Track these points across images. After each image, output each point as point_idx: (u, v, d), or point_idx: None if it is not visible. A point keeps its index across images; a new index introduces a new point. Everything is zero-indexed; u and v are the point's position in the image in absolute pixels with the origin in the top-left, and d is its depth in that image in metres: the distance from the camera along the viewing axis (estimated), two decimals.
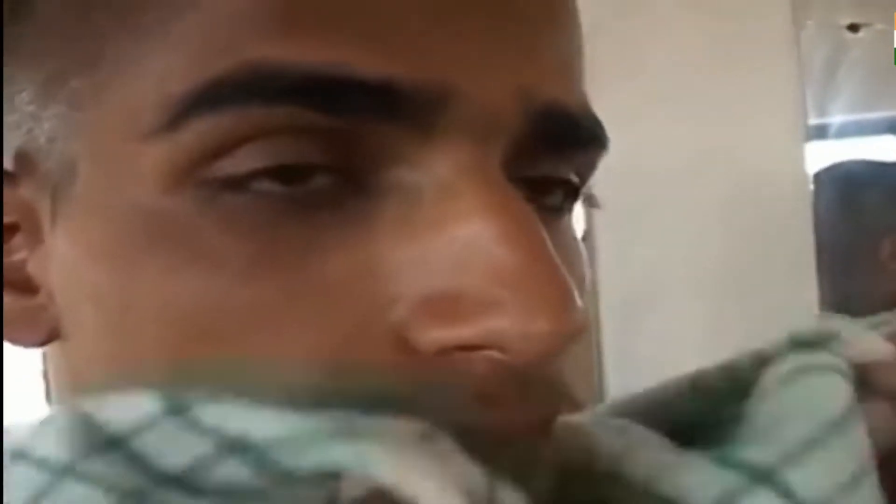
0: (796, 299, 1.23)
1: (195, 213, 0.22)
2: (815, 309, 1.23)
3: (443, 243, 0.21)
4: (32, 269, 0.26)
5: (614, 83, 1.32)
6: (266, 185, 0.21)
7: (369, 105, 0.21)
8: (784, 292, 1.25)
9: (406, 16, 0.21)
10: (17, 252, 0.26)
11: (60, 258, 0.25)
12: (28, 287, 0.26)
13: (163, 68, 0.22)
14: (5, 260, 0.26)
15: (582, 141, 0.25)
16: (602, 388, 1.32)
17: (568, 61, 0.25)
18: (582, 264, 0.27)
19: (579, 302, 0.22)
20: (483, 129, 0.22)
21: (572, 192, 0.27)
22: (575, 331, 0.21)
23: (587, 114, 0.25)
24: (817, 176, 1.27)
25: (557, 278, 0.21)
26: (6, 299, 0.25)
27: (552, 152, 0.25)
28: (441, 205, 0.22)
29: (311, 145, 0.21)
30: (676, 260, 1.29)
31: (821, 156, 1.27)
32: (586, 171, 0.27)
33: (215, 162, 0.21)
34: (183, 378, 0.22)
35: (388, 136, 0.21)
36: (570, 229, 0.27)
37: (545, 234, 0.22)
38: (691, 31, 1.27)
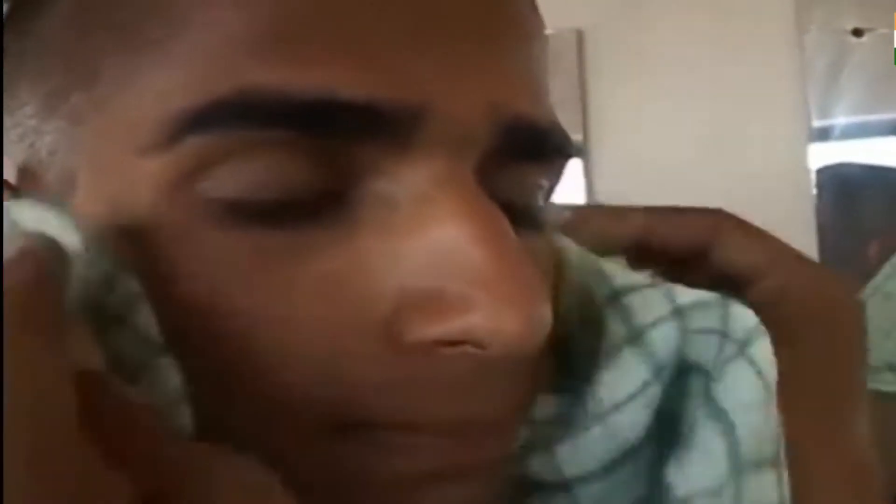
0: None
1: (189, 221, 0.23)
2: None
3: (421, 246, 0.23)
4: None
5: (619, 86, 1.32)
6: (255, 196, 0.23)
7: (352, 124, 0.22)
8: None
9: (386, 40, 0.23)
10: None
11: None
12: None
13: (160, 86, 0.23)
14: None
15: (549, 152, 0.27)
16: None
17: (534, 77, 0.26)
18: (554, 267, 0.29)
19: (548, 301, 0.23)
20: (456, 142, 0.23)
21: (544, 198, 0.29)
22: (544, 328, 0.23)
23: (553, 126, 0.27)
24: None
25: (528, 278, 0.23)
26: None
27: (522, 163, 0.26)
28: (418, 211, 0.23)
29: (297, 160, 0.23)
30: None
31: (824, 157, 1.27)
32: (554, 179, 0.29)
33: (209, 175, 0.23)
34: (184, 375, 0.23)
35: (368, 150, 0.23)
36: (545, 234, 0.28)
37: (515, 237, 0.23)
38: (696, 34, 1.27)
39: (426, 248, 0.23)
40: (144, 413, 0.20)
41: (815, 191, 1.25)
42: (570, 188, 1.30)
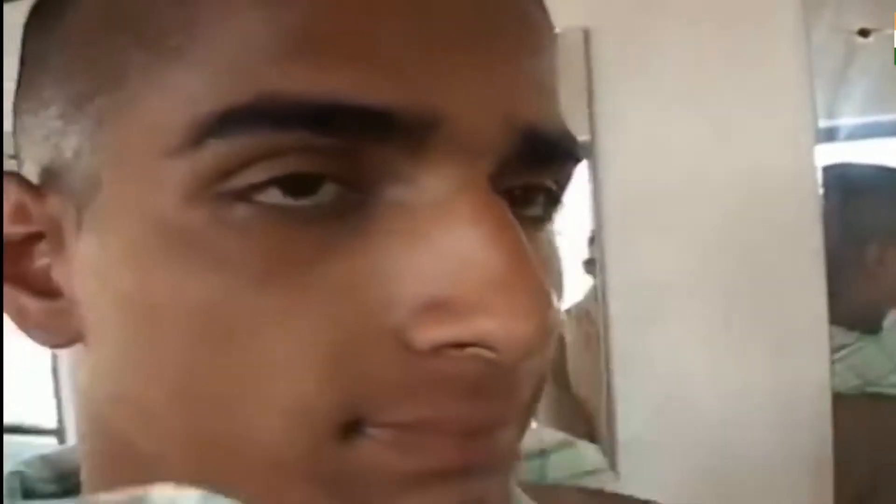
0: (805, 304, 1.23)
1: (212, 223, 0.24)
2: (825, 313, 1.23)
3: (436, 251, 0.24)
4: (56, 274, 0.27)
5: (626, 86, 1.32)
6: (275, 199, 0.23)
7: (368, 129, 0.23)
8: (792, 297, 1.25)
9: (402, 49, 0.24)
10: (41, 258, 0.27)
11: (84, 264, 0.26)
12: (52, 291, 0.27)
13: (184, 90, 0.23)
14: (30, 266, 0.27)
15: (559, 158, 0.28)
16: (610, 394, 1.33)
17: (546, 86, 0.27)
18: (559, 269, 0.30)
19: (556, 305, 0.24)
20: (471, 149, 0.24)
21: (553, 200, 0.29)
22: (553, 331, 0.24)
23: (564, 133, 0.28)
24: None
25: (538, 285, 0.23)
26: (31, 303, 0.27)
27: (533, 168, 0.27)
28: (433, 216, 0.24)
29: (316, 163, 0.24)
30: (685, 263, 1.29)
31: (831, 158, 1.27)
32: (564, 181, 0.30)
33: (231, 178, 0.23)
34: (195, 383, 0.23)
35: (384, 156, 0.24)
36: (549, 237, 0.29)
37: (527, 243, 0.24)
38: (703, 34, 1.27)
39: (441, 252, 0.24)
40: None
41: (821, 191, 1.25)
42: (577, 189, 1.30)
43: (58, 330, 0.27)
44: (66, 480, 0.32)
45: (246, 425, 0.24)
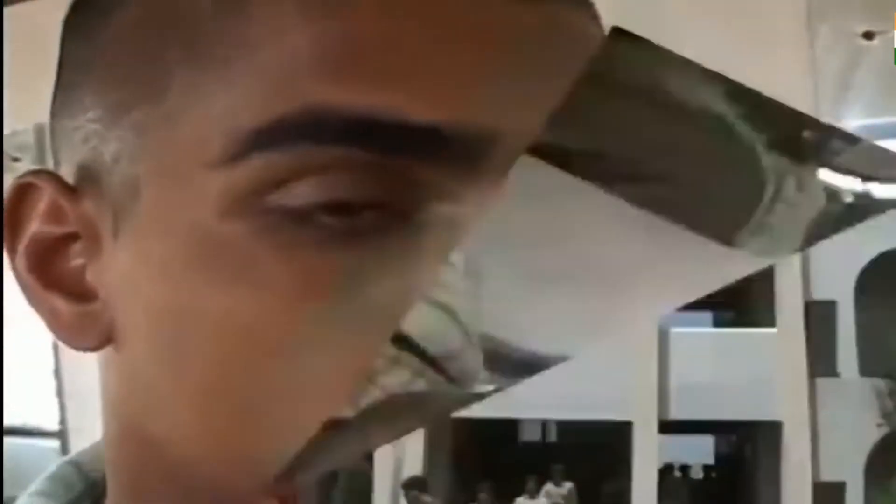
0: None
1: (250, 239, 0.23)
2: None
3: None
4: (91, 277, 0.27)
5: None
6: (318, 216, 0.23)
7: (417, 146, 0.23)
8: None
9: (453, 65, 0.23)
10: (76, 259, 0.27)
11: (120, 270, 0.26)
12: (86, 294, 0.27)
13: (228, 102, 0.23)
14: (65, 266, 0.27)
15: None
16: None
17: None
18: None
19: None
20: None
21: None
22: None
23: None
24: None
25: None
26: (64, 306, 0.27)
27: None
28: None
29: (361, 181, 0.23)
30: None
31: None
32: None
33: (272, 193, 0.23)
34: (222, 395, 0.23)
35: (433, 174, 0.23)
36: None
37: None
38: (705, 37, 1.27)
39: None
40: None
41: None
42: None
43: (90, 333, 0.27)
44: (97, 487, 0.32)
45: (267, 438, 0.23)
